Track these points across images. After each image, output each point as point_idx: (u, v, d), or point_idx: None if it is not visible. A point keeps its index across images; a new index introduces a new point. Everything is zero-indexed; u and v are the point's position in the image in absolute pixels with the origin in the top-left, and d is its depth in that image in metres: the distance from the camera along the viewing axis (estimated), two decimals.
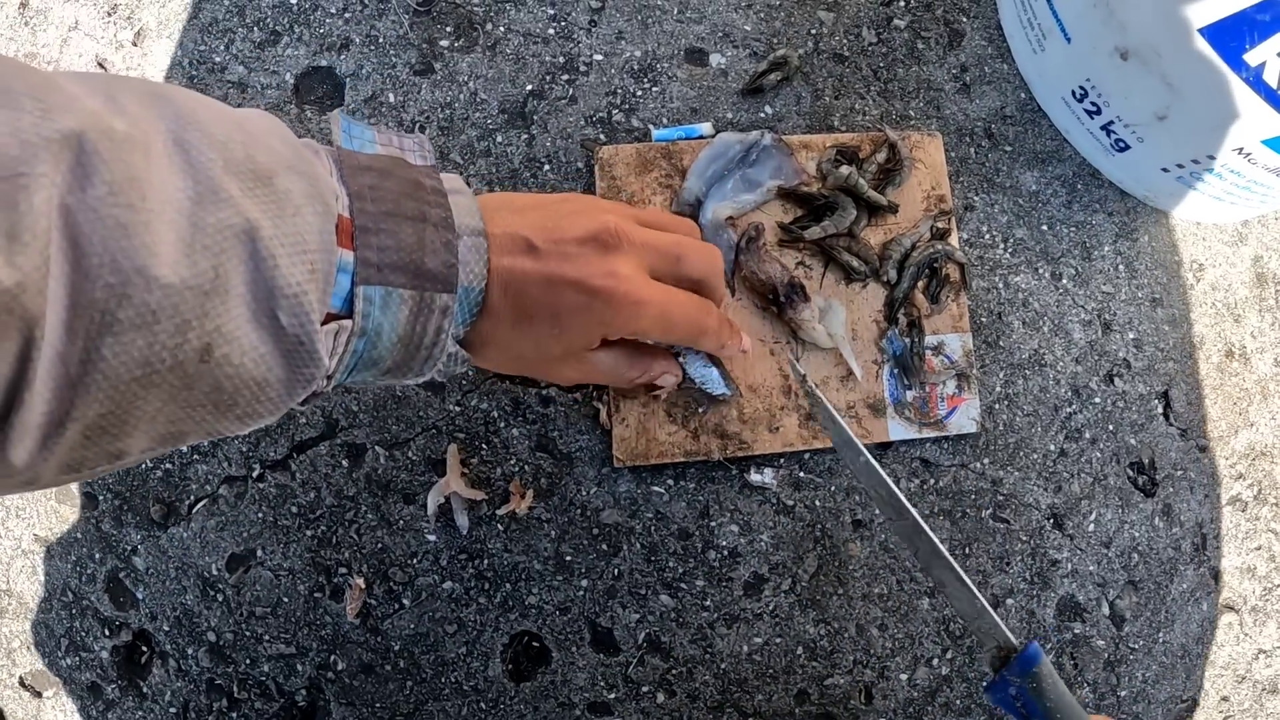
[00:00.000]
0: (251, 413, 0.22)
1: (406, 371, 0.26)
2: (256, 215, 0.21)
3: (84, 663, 0.45)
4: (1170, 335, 0.48)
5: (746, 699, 0.43)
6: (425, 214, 0.25)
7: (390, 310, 0.24)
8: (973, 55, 0.48)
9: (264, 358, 0.21)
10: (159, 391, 0.20)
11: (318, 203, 0.22)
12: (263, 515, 0.43)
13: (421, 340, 0.25)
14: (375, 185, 0.24)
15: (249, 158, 0.21)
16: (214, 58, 0.46)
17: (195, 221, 0.19)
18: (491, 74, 0.45)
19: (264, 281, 0.21)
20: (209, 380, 0.20)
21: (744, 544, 0.43)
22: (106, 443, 0.20)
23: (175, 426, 0.21)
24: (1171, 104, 0.41)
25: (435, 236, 0.25)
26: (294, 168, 0.22)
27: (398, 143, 0.27)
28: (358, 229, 0.23)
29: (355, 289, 0.23)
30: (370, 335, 0.24)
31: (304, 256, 0.21)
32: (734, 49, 0.46)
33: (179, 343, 0.19)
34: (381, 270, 0.23)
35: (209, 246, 0.20)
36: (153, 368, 0.19)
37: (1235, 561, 0.48)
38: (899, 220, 0.44)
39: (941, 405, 0.43)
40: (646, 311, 0.30)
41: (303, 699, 0.43)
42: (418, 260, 0.24)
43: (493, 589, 0.42)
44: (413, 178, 0.26)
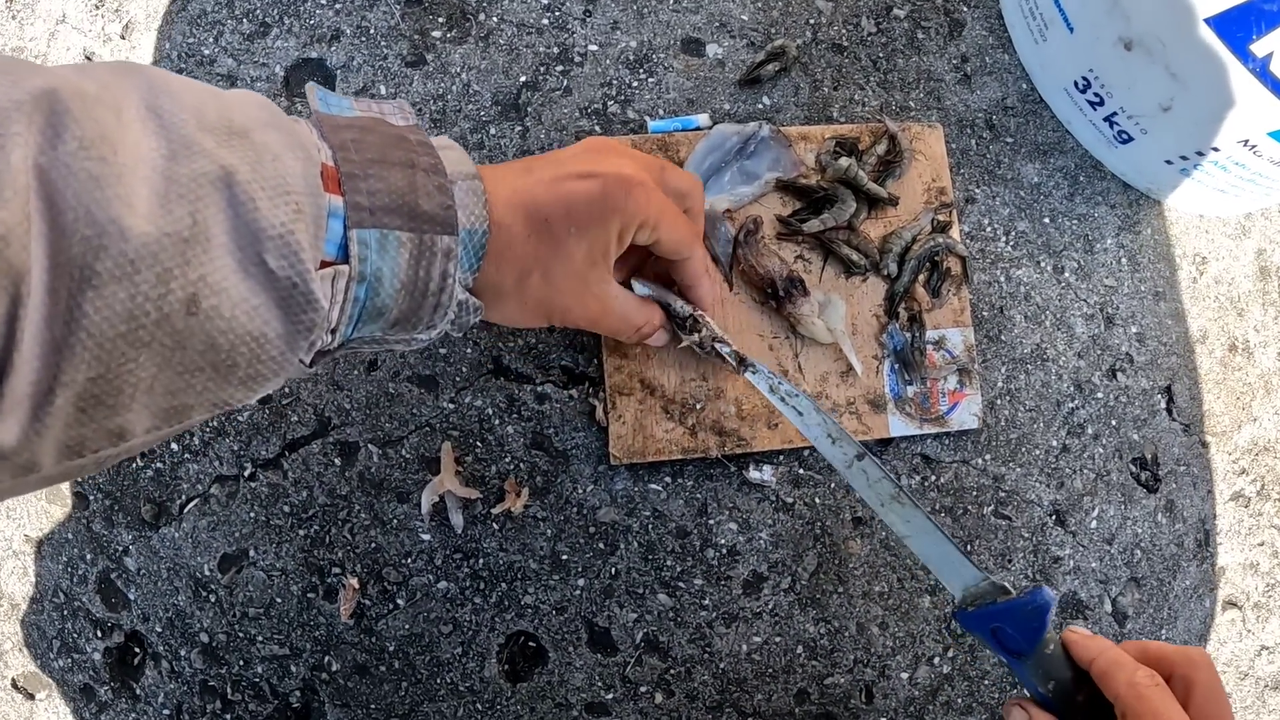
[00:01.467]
0: (255, 375, 0.22)
1: (416, 323, 0.26)
2: (233, 161, 0.20)
3: (76, 664, 0.44)
4: (1173, 329, 0.47)
5: (746, 699, 0.42)
6: (413, 161, 0.25)
7: (389, 253, 0.23)
8: (973, 45, 0.47)
9: (257, 310, 0.20)
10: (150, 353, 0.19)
11: (298, 150, 0.22)
12: (255, 515, 0.42)
13: (427, 286, 0.25)
14: (358, 139, 0.24)
15: (223, 117, 0.21)
16: (203, 50, 0.45)
17: (169, 174, 0.19)
18: (484, 65, 0.44)
19: (246, 226, 0.20)
20: (201, 337, 0.20)
21: (743, 542, 0.42)
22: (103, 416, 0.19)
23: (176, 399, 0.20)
24: (1176, 95, 0.40)
25: (426, 180, 0.25)
26: (271, 124, 0.22)
27: (377, 108, 0.27)
28: (344, 175, 0.23)
29: (349, 233, 0.23)
30: (370, 280, 0.23)
31: (287, 198, 0.21)
32: (731, 39, 0.45)
33: (162, 293, 0.19)
34: (374, 213, 0.23)
35: (184, 195, 0.19)
36: (138, 322, 0.18)
37: (1238, 557, 0.48)
38: (899, 213, 0.43)
39: (943, 401, 0.42)
40: (655, 197, 0.30)
41: (297, 700, 0.42)
42: (411, 203, 0.24)
43: (488, 589, 0.42)
44: (396, 132, 0.25)
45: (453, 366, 0.42)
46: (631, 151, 0.32)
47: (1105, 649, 0.30)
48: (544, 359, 0.42)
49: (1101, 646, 0.30)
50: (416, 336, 0.26)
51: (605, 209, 0.29)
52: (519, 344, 0.42)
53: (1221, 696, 0.28)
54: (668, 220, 0.31)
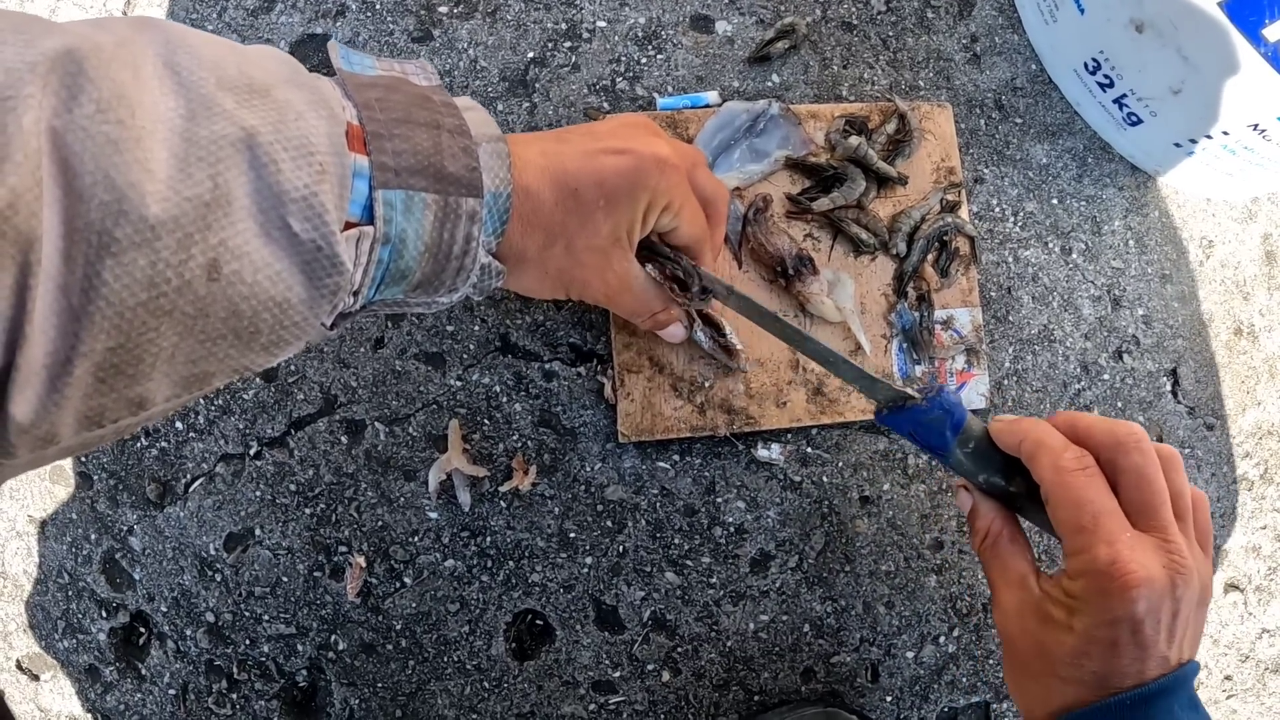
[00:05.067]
0: (278, 340, 0.21)
1: (438, 286, 0.25)
2: (254, 123, 0.19)
3: (81, 645, 0.44)
4: (1179, 312, 0.47)
5: (752, 677, 0.42)
6: (439, 121, 0.24)
7: (414, 215, 0.23)
8: (983, 25, 0.47)
9: (280, 274, 0.20)
10: (171, 321, 0.19)
11: (322, 108, 0.21)
12: (261, 494, 0.42)
13: (450, 249, 0.24)
14: (382, 98, 0.24)
15: (243, 74, 0.20)
16: (206, 26, 0.45)
17: (188, 136, 0.18)
18: (492, 41, 0.44)
19: (268, 188, 0.19)
20: (223, 303, 0.19)
21: (750, 520, 0.42)
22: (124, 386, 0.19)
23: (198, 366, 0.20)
24: (1186, 78, 0.40)
25: (452, 142, 0.24)
26: (293, 81, 0.21)
27: (399, 67, 0.26)
28: (369, 135, 0.22)
29: (374, 194, 0.22)
30: (395, 242, 0.23)
31: (310, 159, 0.20)
32: (740, 16, 0.45)
33: (183, 259, 0.18)
34: (400, 174, 0.23)
35: (204, 158, 0.19)
36: (159, 289, 0.18)
37: (1241, 540, 0.48)
38: (908, 192, 0.43)
39: (951, 380, 0.42)
40: (680, 177, 0.30)
41: (303, 679, 0.42)
42: (437, 164, 0.23)
43: (495, 567, 0.42)
44: (420, 92, 0.25)
45: (460, 344, 0.42)
46: (667, 135, 0.32)
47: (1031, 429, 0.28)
48: (552, 336, 0.42)
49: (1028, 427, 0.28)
50: (438, 300, 0.26)
51: (636, 185, 0.28)
52: (527, 321, 0.42)
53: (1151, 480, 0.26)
54: (690, 210, 0.31)
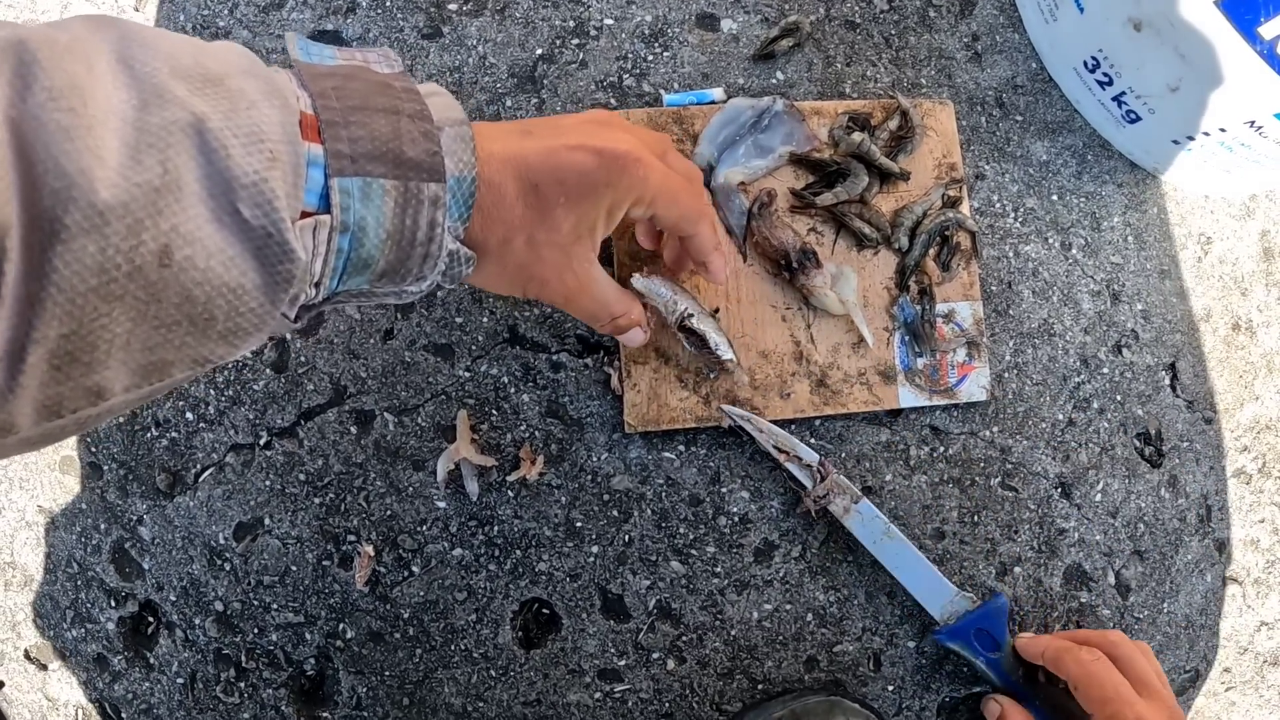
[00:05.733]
0: (235, 328, 0.21)
1: (405, 274, 0.25)
2: (205, 109, 0.19)
3: (90, 634, 0.44)
4: (1178, 307, 0.48)
5: (756, 665, 0.43)
6: (398, 107, 0.24)
7: (372, 201, 0.23)
8: (984, 24, 0.47)
9: (233, 260, 0.20)
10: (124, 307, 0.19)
11: (275, 97, 0.21)
12: (270, 483, 0.42)
13: (414, 235, 0.24)
14: (339, 87, 0.23)
15: (198, 64, 0.20)
16: (218, 22, 0.45)
17: (139, 125, 0.19)
18: (500, 38, 0.44)
19: (218, 174, 0.19)
20: (176, 289, 0.19)
21: (755, 510, 0.43)
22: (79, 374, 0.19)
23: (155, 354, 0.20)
24: (1184, 76, 0.41)
25: (412, 126, 0.24)
26: (249, 72, 0.21)
27: (361, 56, 0.26)
28: (324, 123, 0.22)
29: (330, 182, 0.22)
30: (354, 230, 0.23)
31: (260, 145, 0.20)
32: (745, 14, 0.45)
33: (133, 245, 0.18)
34: (356, 161, 0.22)
35: (154, 144, 0.19)
36: (110, 275, 0.18)
37: (1239, 534, 0.48)
38: (910, 188, 0.43)
39: (952, 373, 0.43)
40: (653, 174, 0.29)
41: (311, 668, 0.43)
42: (395, 149, 0.23)
43: (503, 556, 0.42)
44: (380, 79, 0.24)
45: (469, 335, 0.42)
46: (634, 127, 0.32)
47: (1050, 642, 0.39)
48: (559, 328, 0.42)
49: (1047, 641, 0.39)
50: (406, 289, 0.26)
51: (597, 183, 0.28)
52: (535, 313, 0.43)
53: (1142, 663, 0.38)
54: (665, 197, 0.30)
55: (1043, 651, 0.38)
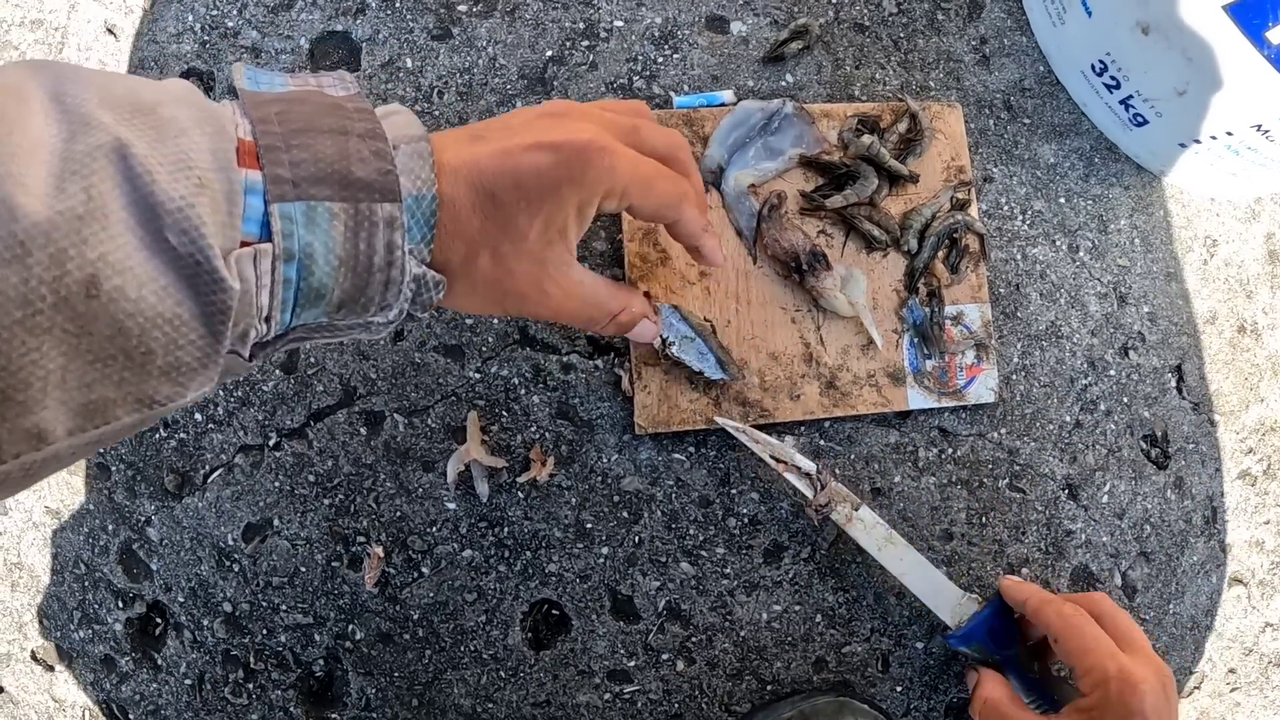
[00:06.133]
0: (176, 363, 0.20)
1: (367, 304, 0.23)
2: (129, 136, 0.19)
3: (97, 635, 0.44)
4: (1184, 310, 0.48)
5: (765, 666, 0.43)
6: (346, 127, 0.22)
7: (318, 226, 0.21)
8: (992, 27, 0.48)
9: (166, 289, 0.19)
10: (53, 340, 0.18)
11: (208, 125, 0.20)
12: (279, 484, 0.42)
13: (371, 260, 0.22)
14: (283, 111, 0.22)
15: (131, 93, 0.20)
16: (227, 22, 0.45)
17: (65, 154, 0.18)
18: (511, 39, 0.44)
19: (144, 200, 0.19)
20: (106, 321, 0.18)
21: (764, 512, 0.43)
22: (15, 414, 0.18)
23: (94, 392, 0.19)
24: (1191, 80, 0.41)
25: (361, 146, 0.22)
26: (183, 100, 0.21)
27: (314, 81, 0.25)
28: (262, 148, 0.21)
29: (270, 208, 0.21)
30: (301, 258, 0.21)
31: (188, 172, 0.19)
32: (755, 17, 0.46)
33: (57, 275, 0.17)
34: (298, 185, 0.21)
35: (78, 171, 0.18)
36: (34, 307, 0.17)
37: (1244, 535, 0.48)
38: (919, 190, 0.44)
39: (960, 375, 0.43)
40: (620, 163, 0.26)
41: (320, 669, 0.43)
42: (342, 170, 0.22)
43: (513, 557, 0.42)
44: (330, 101, 0.23)
45: (479, 336, 0.42)
46: (596, 112, 0.28)
47: (1034, 592, 0.38)
48: (570, 329, 0.42)
49: (1030, 590, 0.38)
50: (371, 320, 0.24)
51: (559, 181, 0.26)
52: None
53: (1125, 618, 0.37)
54: (638, 187, 0.27)
55: (1025, 600, 0.37)
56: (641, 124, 0.29)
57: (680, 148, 0.30)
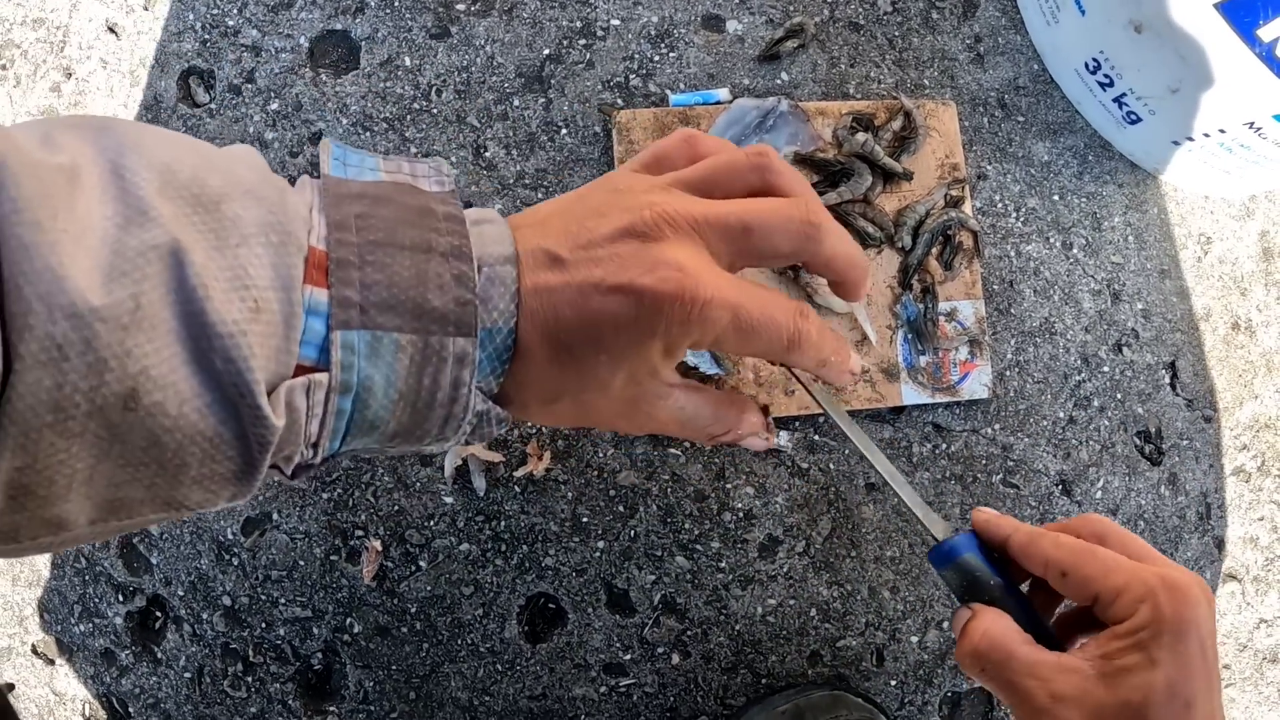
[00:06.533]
0: (211, 475, 0.18)
1: (422, 436, 0.21)
2: (188, 240, 0.17)
3: (97, 629, 0.45)
4: (1178, 307, 0.48)
5: (760, 660, 0.43)
6: (430, 243, 0.20)
7: (382, 359, 0.19)
8: (987, 26, 0.48)
9: (209, 407, 0.17)
10: (83, 444, 0.17)
11: (274, 233, 0.19)
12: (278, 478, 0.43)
13: (434, 397, 0.20)
14: (365, 213, 0.20)
15: (196, 180, 0.18)
16: (227, 21, 0.46)
17: (117, 247, 0.16)
18: (508, 38, 0.45)
19: (193, 316, 0.17)
20: (142, 433, 0.17)
21: (759, 506, 0.43)
22: (36, 506, 0.17)
23: (120, 492, 0.18)
24: (1184, 78, 0.41)
25: (443, 268, 0.20)
26: (253, 193, 0.19)
27: (409, 169, 0.22)
28: (334, 262, 0.19)
29: (331, 335, 0.19)
30: (359, 392, 0.19)
31: (244, 292, 0.18)
32: (750, 15, 0.46)
33: (94, 385, 0.16)
34: (366, 311, 0.19)
35: (128, 272, 0.16)
36: (67, 414, 0.16)
37: (1238, 531, 0.49)
38: (913, 188, 0.44)
39: (954, 371, 0.43)
40: (712, 312, 0.22)
41: (319, 662, 0.43)
42: (418, 297, 0.20)
43: (509, 551, 0.42)
44: (420, 204, 0.21)
45: None
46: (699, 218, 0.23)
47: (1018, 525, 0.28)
48: None
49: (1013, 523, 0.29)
50: (424, 448, 0.22)
51: (641, 334, 0.22)
52: None
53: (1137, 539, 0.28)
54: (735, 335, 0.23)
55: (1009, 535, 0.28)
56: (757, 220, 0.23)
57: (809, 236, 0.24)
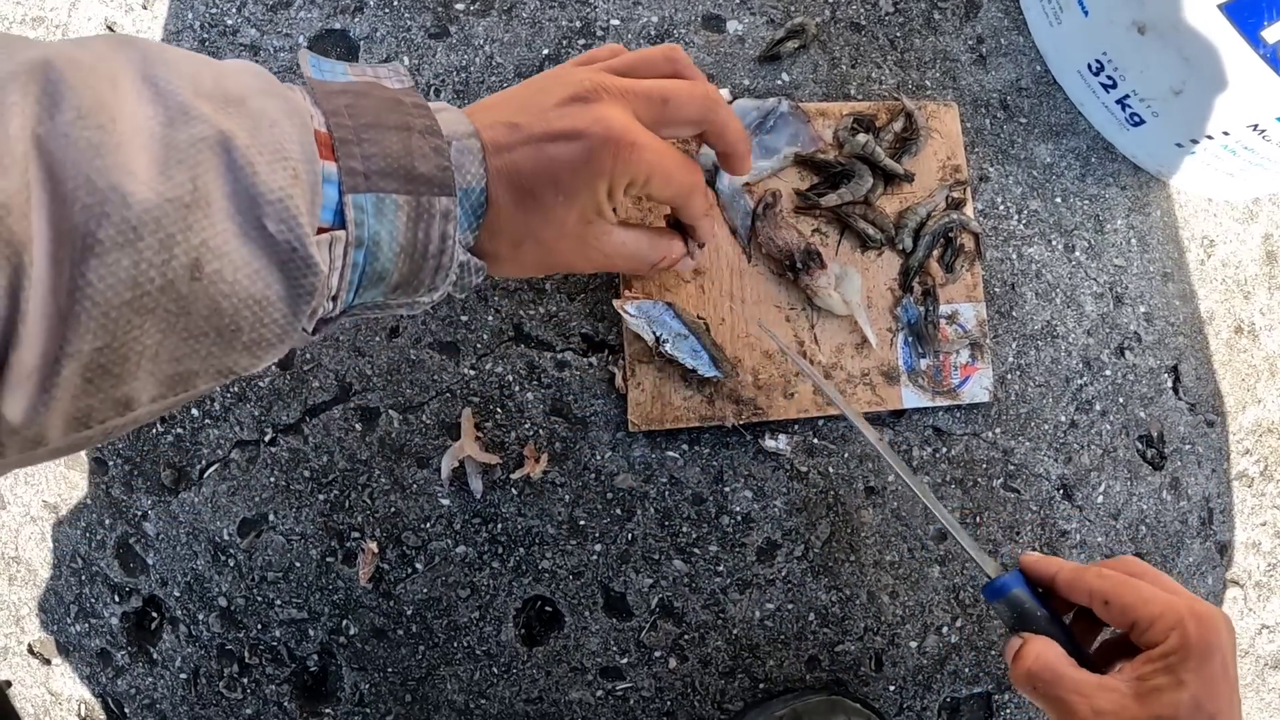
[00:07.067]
0: (259, 339, 0.22)
1: (418, 286, 0.26)
2: (231, 127, 0.20)
3: (93, 629, 0.45)
4: (1180, 310, 0.48)
5: (758, 665, 0.43)
6: (409, 123, 0.25)
7: (386, 217, 0.24)
8: (989, 26, 0.48)
9: (259, 272, 0.21)
10: (155, 319, 0.19)
11: (294, 117, 0.22)
12: (275, 479, 0.43)
13: (426, 248, 0.25)
14: (351, 104, 0.24)
15: (219, 85, 0.21)
16: (226, 20, 0.45)
17: (168, 141, 0.19)
18: (508, 38, 0.44)
19: (245, 190, 0.20)
20: (205, 302, 0.20)
21: (757, 510, 0.43)
22: (110, 386, 0.19)
23: (181, 365, 0.21)
24: (1188, 79, 0.41)
25: (423, 142, 0.24)
26: (267, 91, 0.22)
27: (372, 72, 0.27)
28: (337, 141, 0.23)
29: (344, 198, 0.23)
30: (369, 245, 0.23)
31: (285, 163, 0.21)
32: (751, 15, 0.46)
33: (165, 259, 0.19)
34: (369, 177, 0.23)
35: (184, 160, 0.19)
36: (143, 289, 0.19)
37: (1241, 536, 0.48)
38: (914, 189, 0.44)
39: (955, 374, 0.43)
40: (644, 155, 0.28)
41: (314, 664, 0.43)
42: (407, 165, 0.24)
43: (506, 553, 0.42)
44: (391, 95, 0.25)
45: (474, 333, 0.43)
46: (626, 90, 0.29)
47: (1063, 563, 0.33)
48: (564, 326, 0.43)
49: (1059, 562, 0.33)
50: (419, 300, 0.27)
51: (591, 173, 0.28)
52: (540, 312, 0.43)
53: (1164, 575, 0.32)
54: (659, 177, 0.30)
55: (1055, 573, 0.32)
56: (671, 93, 0.30)
57: (709, 108, 0.31)
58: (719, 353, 0.40)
